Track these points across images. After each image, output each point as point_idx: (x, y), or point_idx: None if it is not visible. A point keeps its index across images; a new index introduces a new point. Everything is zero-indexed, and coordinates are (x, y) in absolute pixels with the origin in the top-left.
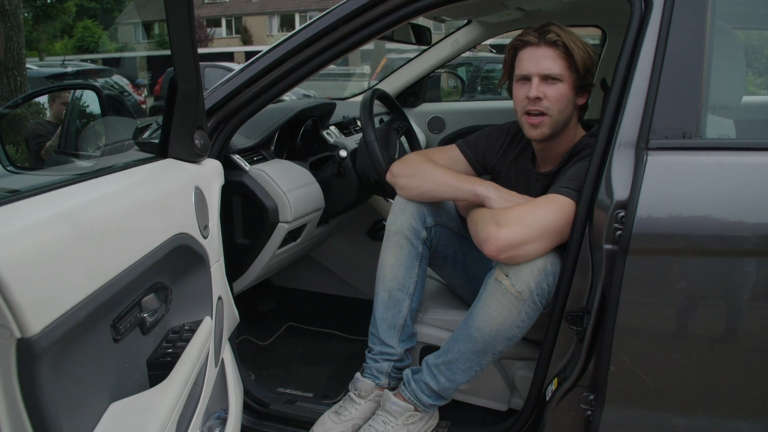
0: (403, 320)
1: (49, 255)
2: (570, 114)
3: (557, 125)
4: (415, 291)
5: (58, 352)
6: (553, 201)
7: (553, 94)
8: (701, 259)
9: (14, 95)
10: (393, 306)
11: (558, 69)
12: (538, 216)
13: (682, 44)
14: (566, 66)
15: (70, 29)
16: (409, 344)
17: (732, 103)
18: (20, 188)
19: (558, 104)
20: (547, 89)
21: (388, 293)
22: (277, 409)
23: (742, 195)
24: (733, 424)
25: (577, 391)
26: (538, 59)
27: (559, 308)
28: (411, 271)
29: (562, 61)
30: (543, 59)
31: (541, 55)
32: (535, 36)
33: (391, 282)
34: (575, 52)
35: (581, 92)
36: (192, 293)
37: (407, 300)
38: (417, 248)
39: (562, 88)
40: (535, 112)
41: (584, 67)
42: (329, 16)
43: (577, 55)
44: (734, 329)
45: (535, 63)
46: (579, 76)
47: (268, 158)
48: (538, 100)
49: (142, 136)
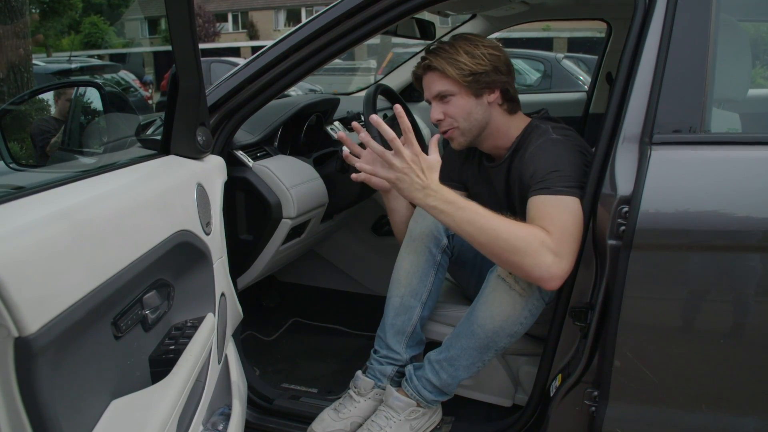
0: (413, 327)
1: (47, 253)
2: (482, 116)
3: (471, 132)
4: (428, 299)
5: (57, 351)
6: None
7: (450, 109)
8: (706, 255)
9: (20, 91)
10: (404, 312)
11: (443, 86)
12: (572, 228)
13: (687, 37)
14: (451, 81)
15: (77, 25)
16: (416, 351)
17: (737, 96)
18: (21, 185)
19: (461, 115)
20: (445, 107)
21: (400, 299)
22: (281, 405)
23: (747, 190)
24: (738, 421)
25: (581, 387)
26: (427, 86)
27: (563, 304)
28: (426, 279)
29: (445, 79)
30: (430, 84)
31: (428, 81)
32: (420, 67)
33: (404, 288)
34: (448, 71)
35: (485, 91)
36: (194, 290)
37: (419, 307)
38: (435, 257)
39: (458, 100)
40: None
41: (469, 74)
42: (333, 11)
43: (450, 72)
44: (739, 325)
45: (427, 89)
46: (470, 83)
47: (271, 154)
48: (441, 121)
49: (146, 133)
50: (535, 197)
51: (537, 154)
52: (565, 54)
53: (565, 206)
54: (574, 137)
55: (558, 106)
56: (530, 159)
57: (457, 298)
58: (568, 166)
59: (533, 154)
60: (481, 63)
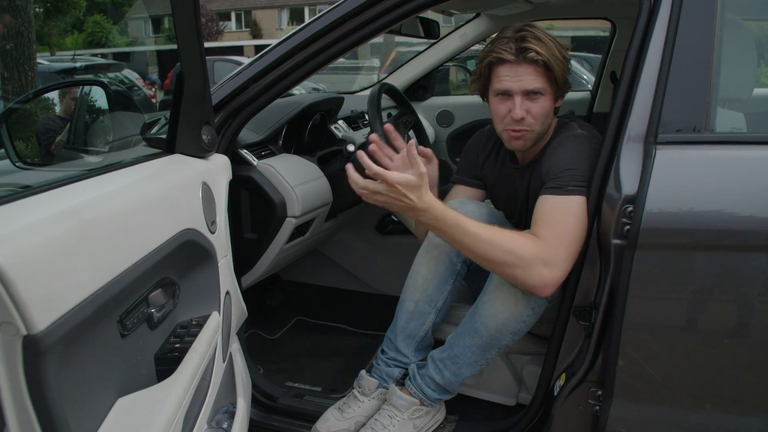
0: (424, 333)
1: (54, 251)
2: (551, 120)
3: (539, 136)
4: (443, 306)
5: (65, 348)
6: (573, 207)
7: (537, 109)
8: (710, 254)
9: (25, 90)
10: (417, 317)
11: (540, 84)
12: (573, 233)
13: (692, 37)
14: (547, 79)
15: (81, 24)
16: (424, 354)
17: (743, 95)
18: (27, 184)
19: (542, 117)
20: (530, 105)
21: (414, 303)
22: (285, 403)
23: (752, 189)
24: (742, 420)
25: (585, 386)
26: (519, 77)
27: (568, 303)
28: (443, 287)
29: (543, 76)
30: (524, 76)
31: (522, 72)
32: (512, 53)
33: (420, 293)
34: (555, 69)
35: (561, 96)
36: (199, 288)
37: (432, 314)
38: (455, 265)
39: (545, 101)
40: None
41: (563, 77)
42: (337, 10)
43: (557, 71)
44: (744, 325)
45: (517, 81)
46: (559, 87)
47: (276, 153)
48: (523, 120)
49: (150, 131)
50: (546, 196)
51: (557, 147)
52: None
53: (570, 208)
54: (597, 137)
55: (562, 105)
56: (551, 152)
57: (462, 297)
58: (584, 165)
59: (554, 147)
60: (568, 65)
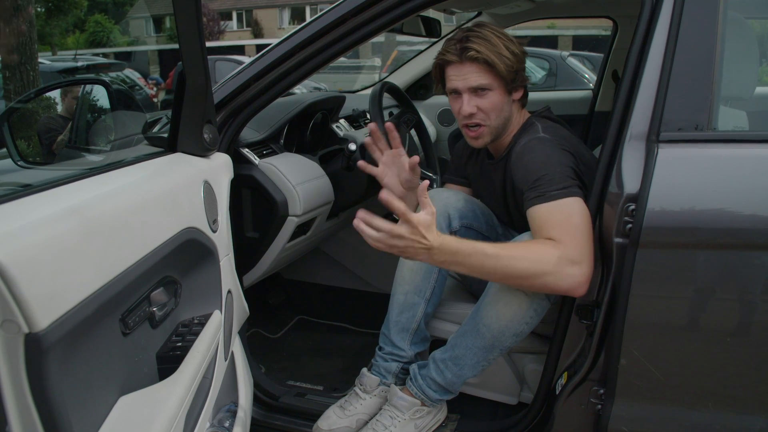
0: (417, 324)
1: (56, 250)
2: (509, 113)
3: (497, 130)
4: (432, 296)
5: (67, 347)
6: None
7: (486, 104)
8: (713, 253)
9: (27, 89)
10: (408, 309)
11: (485, 80)
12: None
13: (694, 35)
14: (493, 75)
15: (82, 24)
16: (421, 347)
17: (745, 94)
18: (29, 183)
19: (493, 112)
20: (479, 101)
21: (404, 296)
22: (287, 402)
23: (754, 188)
24: (745, 419)
25: (587, 385)
26: (464, 75)
27: (570, 302)
28: (430, 276)
29: (487, 73)
30: (468, 75)
31: (466, 71)
32: (455, 54)
33: (408, 285)
34: (497, 65)
35: (515, 89)
36: (201, 287)
37: (423, 305)
38: None
39: (494, 95)
40: (472, 125)
41: (511, 72)
42: (338, 9)
43: (499, 67)
44: (746, 323)
45: (462, 79)
46: (508, 81)
47: (277, 152)
48: (473, 115)
49: (152, 130)
50: (533, 208)
51: (522, 154)
52: (570, 52)
53: (565, 209)
54: (562, 137)
55: (563, 104)
56: (517, 159)
57: (462, 295)
58: (555, 167)
59: (519, 154)
60: (518, 59)
